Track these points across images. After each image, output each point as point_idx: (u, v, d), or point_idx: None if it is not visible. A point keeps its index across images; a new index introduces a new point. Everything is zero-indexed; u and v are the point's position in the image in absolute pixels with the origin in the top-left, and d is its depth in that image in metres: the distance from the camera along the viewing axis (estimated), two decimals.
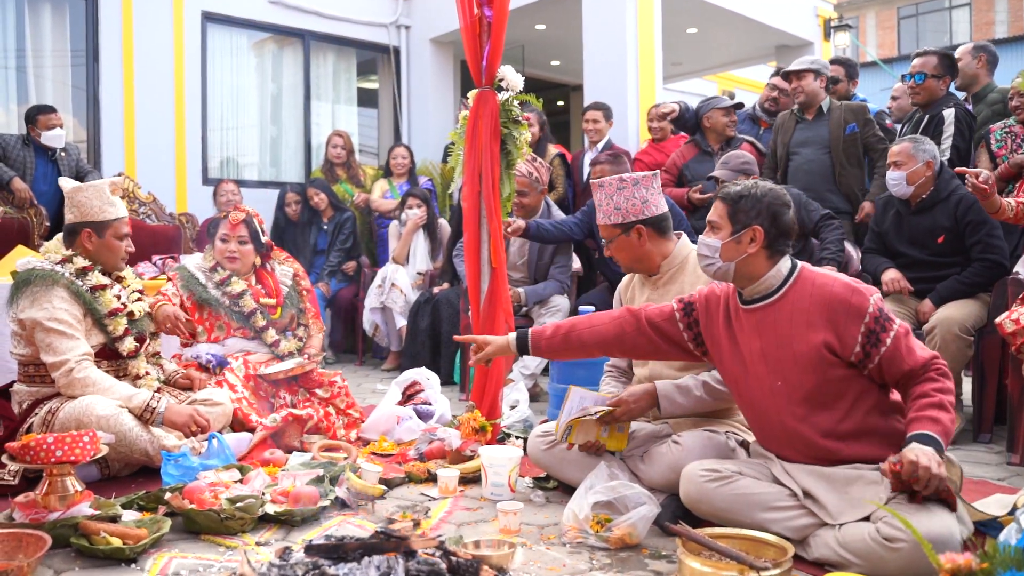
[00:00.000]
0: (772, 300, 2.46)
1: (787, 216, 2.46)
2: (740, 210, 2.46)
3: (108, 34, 6.98)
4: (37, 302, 3.18)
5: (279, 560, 1.96)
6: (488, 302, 3.60)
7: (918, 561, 2.03)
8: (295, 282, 4.23)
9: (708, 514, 2.49)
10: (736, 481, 2.46)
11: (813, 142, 5.09)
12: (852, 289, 2.35)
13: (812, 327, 2.36)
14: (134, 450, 3.11)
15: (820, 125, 5.09)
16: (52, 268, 3.26)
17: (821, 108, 5.12)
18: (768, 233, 2.43)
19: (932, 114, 4.67)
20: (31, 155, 5.79)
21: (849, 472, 2.34)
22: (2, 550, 2.26)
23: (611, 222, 3.00)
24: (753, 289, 2.49)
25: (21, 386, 3.31)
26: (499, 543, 2.33)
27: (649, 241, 2.98)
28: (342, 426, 3.89)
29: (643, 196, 2.97)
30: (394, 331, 6.20)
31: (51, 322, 3.15)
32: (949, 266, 4.04)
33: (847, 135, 4.97)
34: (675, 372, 2.95)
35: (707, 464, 2.54)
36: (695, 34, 9.07)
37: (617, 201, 2.98)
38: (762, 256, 2.46)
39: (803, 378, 2.39)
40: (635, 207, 2.96)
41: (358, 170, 7.34)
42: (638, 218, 2.96)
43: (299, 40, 8.28)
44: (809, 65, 5.10)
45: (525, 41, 9.11)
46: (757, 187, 2.49)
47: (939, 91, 4.69)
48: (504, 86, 3.58)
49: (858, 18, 21.29)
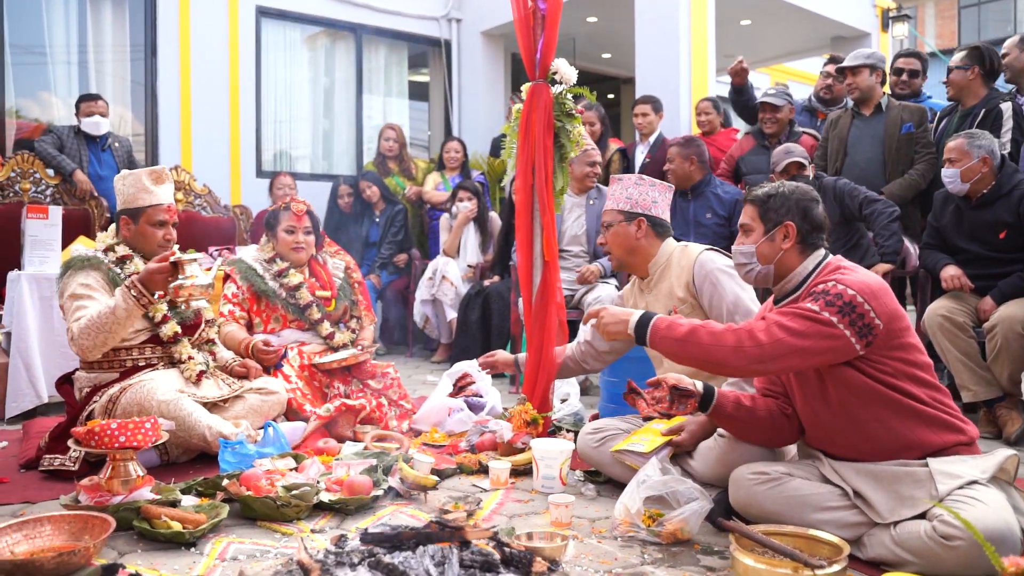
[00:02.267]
0: (799, 294, 2.45)
1: (817, 210, 2.49)
2: (770, 209, 2.50)
3: (165, 29, 7.12)
4: (70, 285, 3.29)
5: (335, 547, 2.00)
6: (540, 295, 3.60)
7: (977, 559, 2.00)
8: (347, 275, 4.29)
9: (758, 517, 2.47)
10: (786, 483, 2.44)
11: (868, 139, 4.95)
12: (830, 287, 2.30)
13: None
14: (192, 435, 3.17)
15: (876, 122, 4.94)
16: (93, 255, 3.37)
17: (880, 105, 4.96)
18: (800, 228, 2.46)
19: (988, 108, 4.55)
20: (83, 144, 5.91)
21: (896, 469, 2.30)
22: (69, 531, 2.33)
23: (618, 207, 3.20)
24: (780, 288, 2.52)
25: (81, 372, 3.41)
26: (551, 535, 2.34)
27: (645, 237, 3.16)
28: (394, 417, 3.94)
29: (654, 197, 3.19)
30: (444, 323, 6.23)
31: (69, 299, 3.26)
32: (1011, 262, 3.94)
33: (902, 135, 4.82)
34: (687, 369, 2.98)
35: (755, 467, 2.53)
36: (748, 26, 8.95)
37: (631, 192, 3.20)
38: (795, 251, 2.48)
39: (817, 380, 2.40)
40: (645, 202, 3.18)
41: (410, 163, 7.39)
42: (644, 211, 3.16)
43: (351, 34, 8.36)
44: (865, 60, 4.96)
45: (576, 34, 9.08)
46: (784, 185, 2.54)
47: (967, 82, 4.59)
48: (557, 79, 3.57)
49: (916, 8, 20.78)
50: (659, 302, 3.12)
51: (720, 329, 2.38)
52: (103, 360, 3.32)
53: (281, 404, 3.58)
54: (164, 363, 3.44)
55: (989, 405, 3.89)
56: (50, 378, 4.20)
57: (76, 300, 3.25)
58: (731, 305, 2.89)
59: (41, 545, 2.28)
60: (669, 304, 3.06)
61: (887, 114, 4.92)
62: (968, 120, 4.62)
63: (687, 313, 2.98)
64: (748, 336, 2.31)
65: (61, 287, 3.33)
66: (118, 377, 3.30)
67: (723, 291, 2.92)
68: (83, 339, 3.17)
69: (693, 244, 3.15)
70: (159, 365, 3.42)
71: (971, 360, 3.84)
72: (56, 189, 5.74)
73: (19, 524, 2.30)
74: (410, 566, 1.87)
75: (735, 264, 2.62)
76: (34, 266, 4.42)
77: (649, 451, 2.78)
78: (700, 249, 3.07)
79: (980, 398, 3.83)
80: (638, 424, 3.08)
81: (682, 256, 3.10)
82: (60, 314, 4.26)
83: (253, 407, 3.47)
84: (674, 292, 3.05)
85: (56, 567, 2.12)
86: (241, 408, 3.45)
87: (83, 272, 3.30)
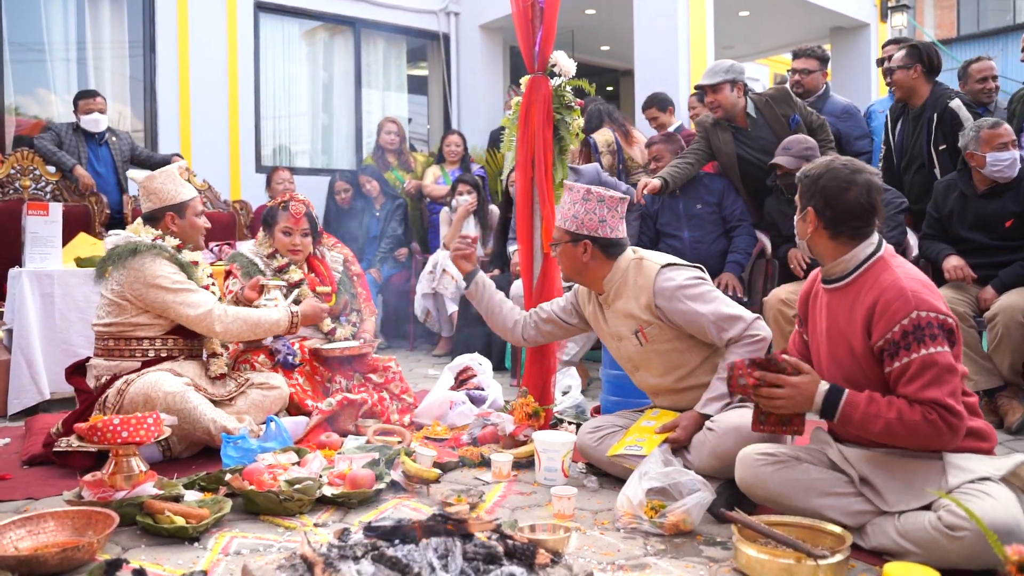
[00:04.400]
0: (842, 284, 2.41)
1: (845, 197, 2.36)
2: (801, 190, 2.47)
3: (164, 25, 7.11)
4: (149, 269, 3.29)
5: (338, 541, 1.99)
6: (540, 288, 3.61)
7: (981, 551, 1.99)
8: (346, 267, 4.29)
9: (763, 498, 2.48)
10: (793, 466, 2.44)
11: (759, 148, 4.72)
12: (900, 295, 2.23)
13: (862, 322, 2.31)
14: (197, 428, 3.18)
15: (759, 128, 4.75)
16: (154, 241, 3.40)
17: (749, 114, 4.75)
18: (822, 215, 2.39)
19: (938, 111, 4.46)
20: (81, 141, 5.91)
21: (910, 460, 2.30)
22: (73, 526, 2.34)
23: (564, 227, 3.03)
24: (829, 269, 2.46)
25: (99, 360, 3.40)
26: (554, 527, 2.34)
27: (592, 259, 3.00)
28: (396, 411, 3.94)
29: (602, 215, 2.98)
30: (445, 317, 6.24)
31: (176, 284, 3.31)
32: (1014, 251, 3.94)
33: (793, 129, 4.65)
34: (660, 379, 3.00)
35: (764, 448, 2.52)
36: (747, 17, 8.93)
37: (577, 210, 3.00)
38: (823, 237, 2.41)
39: (853, 369, 2.35)
40: (591, 222, 2.98)
41: (409, 157, 7.38)
42: (590, 234, 2.98)
43: (350, 28, 8.35)
44: (724, 76, 4.67)
45: (575, 26, 9.06)
46: (816, 167, 2.44)
47: (911, 82, 4.55)
48: (556, 72, 3.57)
49: None
50: (619, 320, 3.02)
51: (913, 419, 2.18)
52: (124, 348, 3.35)
53: (283, 399, 3.58)
54: (185, 355, 3.48)
55: (990, 395, 3.89)
56: (52, 375, 4.22)
57: (189, 284, 3.36)
58: (712, 319, 2.81)
59: (45, 541, 2.29)
60: (633, 324, 2.96)
61: (763, 115, 4.75)
62: (924, 122, 4.55)
63: (655, 333, 2.92)
64: (941, 420, 2.16)
65: (136, 271, 3.29)
66: (139, 367, 3.32)
67: (697, 310, 2.82)
68: (227, 324, 3.38)
69: (647, 258, 2.99)
70: (180, 357, 3.45)
71: (972, 349, 3.83)
72: (56, 186, 5.75)
73: (23, 520, 2.31)
74: (413, 559, 1.87)
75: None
76: (35, 263, 4.42)
77: (648, 454, 2.78)
78: (655, 268, 2.92)
79: (981, 387, 3.82)
80: (634, 419, 3.08)
81: (638, 274, 2.96)
82: (61, 311, 4.32)
83: (255, 402, 3.48)
84: (634, 313, 2.94)
85: (60, 563, 2.13)
86: (244, 404, 3.46)
87: (159, 260, 3.33)
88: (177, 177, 3.58)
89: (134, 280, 3.29)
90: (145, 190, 3.53)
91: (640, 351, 2.99)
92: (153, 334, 3.39)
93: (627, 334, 3.00)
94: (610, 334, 3.09)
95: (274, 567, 1.96)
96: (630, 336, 2.99)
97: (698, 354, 2.93)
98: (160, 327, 3.39)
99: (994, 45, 14.14)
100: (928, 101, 4.55)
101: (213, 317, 3.33)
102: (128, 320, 3.33)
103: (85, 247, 4.80)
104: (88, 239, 4.99)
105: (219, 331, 3.37)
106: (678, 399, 3.00)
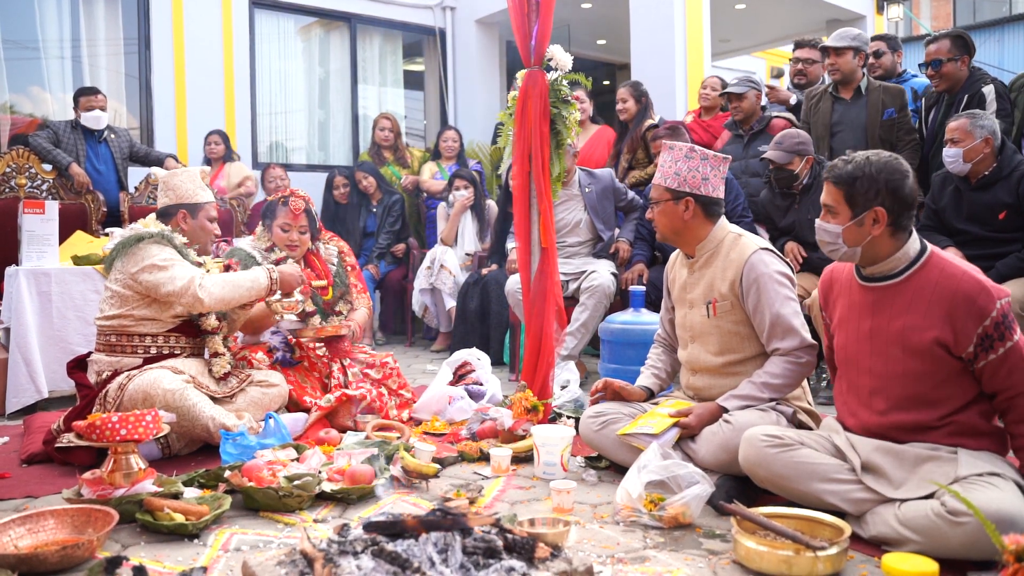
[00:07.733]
0: (895, 282, 2.39)
1: (907, 187, 2.35)
2: (857, 192, 2.37)
3: (159, 22, 7.10)
4: (145, 251, 3.32)
5: (338, 537, 2.00)
6: (538, 283, 3.60)
7: (981, 539, 1.99)
8: (340, 259, 4.28)
9: (764, 480, 2.49)
10: (796, 450, 2.45)
11: (850, 125, 4.88)
12: (980, 288, 2.24)
13: (930, 318, 2.29)
14: (196, 425, 3.18)
15: (858, 107, 4.88)
16: (162, 232, 3.41)
17: (859, 88, 4.90)
18: (891, 211, 2.35)
19: (971, 93, 4.53)
20: (80, 139, 5.90)
21: (922, 451, 2.30)
22: (73, 524, 2.34)
23: (666, 185, 2.99)
24: (877, 268, 2.43)
25: (101, 355, 3.40)
26: (554, 521, 2.34)
27: (693, 218, 2.97)
28: (394, 406, 3.94)
29: (705, 173, 2.96)
30: (443, 312, 6.24)
31: (165, 262, 3.30)
32: (1010, 242, 3.94)
33: (884, 120, 4.77)
34: (711, 357, 2.99)
35: (769, 430, 2.52)
36: (743, 10, 8.92)
37: (679, 167, 2.97)
38: (887, 234, 2.37)
39: (907, 366, 2.34)
40: (694, 179, 2.95)
41: (405, 152, 7.37)
42: (693, 191, 2.95)
43: (345, 24, 8.33)
44: (850, 42, 4.85)
45: (571, 20, 9.04)
46: (870, 164, 2.37)
47: (960, 72, 4.58)
48: (553, 66, 3.56)
49: None
50: (698, 287, 3.01)
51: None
52: (126, 345, 3.35)
53: (282, 397, 3.58)
54: (187, 353, 3.49)
55: None
56: (50, 373, 4.22)
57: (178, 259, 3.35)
58: (773, 319, 2.82)
59: (45, 539, 2.30)
60: (710, 296, 2.96)
61: (867, 97, 4.87)
62: (954, 107, 4.61)
63: (726, 309, 2.93)
64: None
65: (139, 256, 3.31)
66: (140, 363, 3.32)
67: (768, 302, 2.83)
68: (211, 291, 3.31)
69: (748, 237, 2.99)
70: (182, 355, 3.46)
71: None
72: (52, 184, 5.73)
73: (22, 518, 2.31)
74: (413, 554, 1.88)
75: (818, 240, 2.51)
76: (32, 261, 4.41)
77: (659, 432, 2.79)
78: (753, 248, 2.91)
79: None
80: (641, 409, 3.08)
81: (732, 249, 2.95)
82: (58, 309, 4.32)
83: (255, 400, 3.48)
84: (716, 286, 2.94)
85: (60, 560, 2.13)
86: (243, 401, 3.46)
87: (158, 246, 3.35)
88: (198, 179, 3.66)
89: (132, 264, 3.30)
90: (164, 185, 3.57)
91: (705, 323, 2.99)
92: (155, 331, 3.39)
93: (700, 303, 3.00)
94: (684, 299, 3.09)
95: (274, 563, 1.96)
96: (701, 305, 2.99)
97: (756, 345, 2.94)
98: (162, 324, 3.39)
99: (990, 36, 14.14)
100: (965, 84, 4.60)
101: (196, 284, 3.29)
102: (130, 312, 3.33)
103: (82, 245, 4.80)
104: (85, 237, 4.98)
105: (203, 297, 3.30)
106: (714, 383, 2.99)
